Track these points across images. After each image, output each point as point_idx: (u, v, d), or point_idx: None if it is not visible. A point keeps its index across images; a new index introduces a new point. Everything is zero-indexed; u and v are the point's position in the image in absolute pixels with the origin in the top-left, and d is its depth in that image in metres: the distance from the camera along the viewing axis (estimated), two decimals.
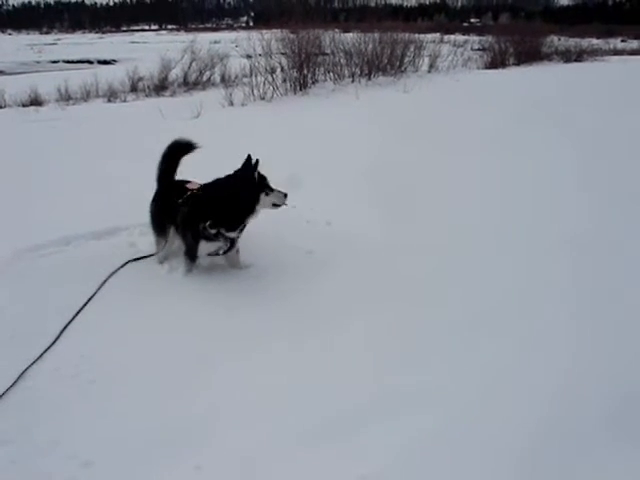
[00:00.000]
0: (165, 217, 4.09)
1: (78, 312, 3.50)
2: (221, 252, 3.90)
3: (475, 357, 3.02)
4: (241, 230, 3.87)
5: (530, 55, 17.22)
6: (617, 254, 4.10)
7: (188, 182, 4.06)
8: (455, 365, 2.96)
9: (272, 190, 3.86)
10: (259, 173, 3.79)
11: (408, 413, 2.63)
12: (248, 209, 3.79)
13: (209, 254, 3.91)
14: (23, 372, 2.95)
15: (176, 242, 4.13)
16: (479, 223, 4.71)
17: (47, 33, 68.79)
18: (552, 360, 2.97)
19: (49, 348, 3.16)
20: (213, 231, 3.76)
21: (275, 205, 3.89)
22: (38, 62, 29.66)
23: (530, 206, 5.02)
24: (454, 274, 3.92)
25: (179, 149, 4.15)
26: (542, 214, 4.85)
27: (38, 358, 3.07)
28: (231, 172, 3.82)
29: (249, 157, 3.76)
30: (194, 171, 4.05)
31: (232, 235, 3.83)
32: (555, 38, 19.35)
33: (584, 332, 3.20)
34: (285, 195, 3.89)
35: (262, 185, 3.82)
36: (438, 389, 2.79)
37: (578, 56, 18.08)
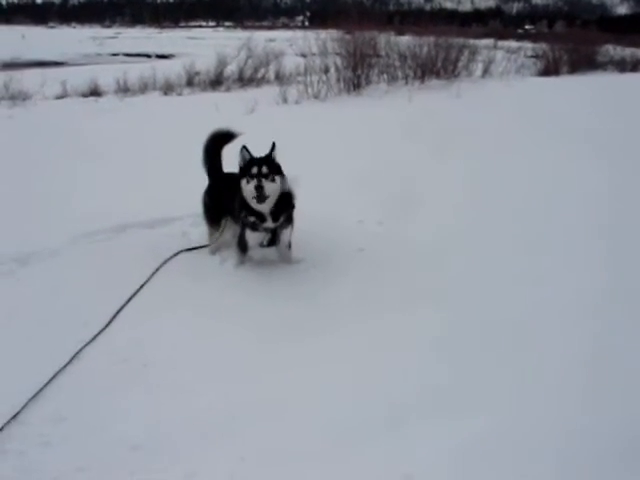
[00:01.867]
0: (218, 209, 4.16)
1: (131, 297, 3.58)
2: (265, 243, 3.88)
3: (500, 363, 2.97)
4: (275, 220, 3.78)
5: (584, 64, 16.78)
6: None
7: None
8: (494, 368, 2.93)
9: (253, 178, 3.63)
10: (262, 159, 3.69)
11: (454, 414, 2.59)
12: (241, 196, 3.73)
13: (260, 245, 3.93)
14: (77, 353, 3.04)
15: (228, 234, 4.20)
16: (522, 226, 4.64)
17: (109, 27, 70.66)
18: (575, 375, 2.87)
19: (102, 331, 3.25)
20: (252, 219, 3.77)
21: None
22: (99, 54, 30.47)
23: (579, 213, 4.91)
24: (505, 275, 3.86)
25: (219, 139, 4.20)
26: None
27: (91, 340, 3.16)
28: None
29: (273, 145, 3.74)
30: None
31: (267, 225, 3.79)
32: (610, 47, 18.82)
33: (604, 355, 3.07)
34: (256, 187, 3.57)
35: (243, 171, 3.69)
36: (482, 392, 2.75)
37: (634, 66, 17.54)
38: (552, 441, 2.45)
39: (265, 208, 3.72)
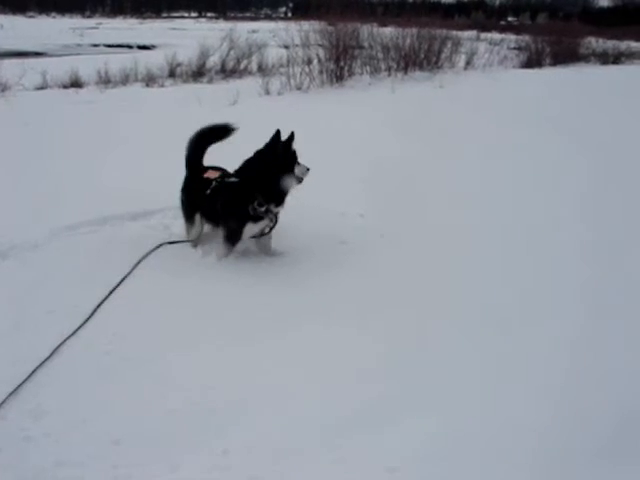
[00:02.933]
0: (193, 203, 4.15)
1: (112, 291, 3.55)
2: (267, 230, 3.97)
3: (481, 357, 3.00)
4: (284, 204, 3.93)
5: (567, 56, 16.92)
6: (623, 261, 4.03)
7: (217, 169, 4.11)
8: (467, 364, 2.95)
9: (298, 164, 3.88)
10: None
11: (439, 408, 2.62)
12: (286, 179, 3.82)
13: (253, 236, 3.96)
14: (57, 347, 3.01)
15: (205, 227, 4.19)
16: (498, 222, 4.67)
17: (89, 17, 69.60)
18: (553, 370, 2.90)
19: (83, 325, 3.22)
20: (263, 209, 3.81)
21: (298, 179, 3.88)
22: (80, 45, 29.99)
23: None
24: (474, 274, 3.89)
25: (211, 135, 4.16)
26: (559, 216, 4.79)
27: (72, 334, 3.13)
28: (261, 147, 3.86)
29: (278, 132, 3.79)
30: (229, 157, 4.07)
31: (279, 209, 3.89)
32: (593, 40, 18.99)
33: (588, 343, 3.13)
34: (307, 169, 3.87)
35: (294, 157, 3.86)
36: (466, 386, 2.78)
37: (616, 59, 17.73)
38: (529, 438, 2.46)
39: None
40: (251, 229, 3.91)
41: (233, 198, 3.86)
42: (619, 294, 3.63)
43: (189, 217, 4.20)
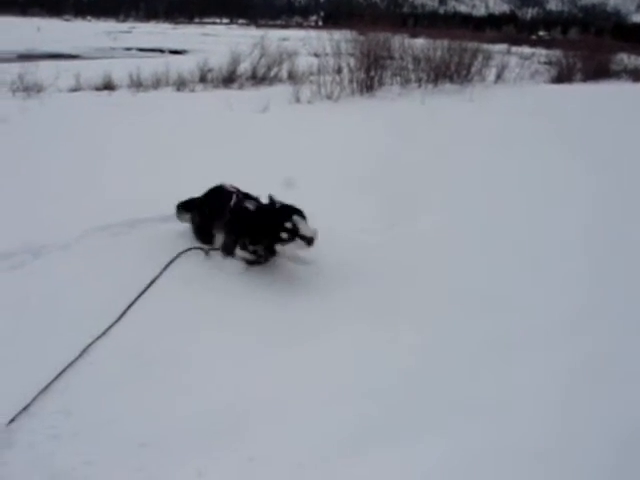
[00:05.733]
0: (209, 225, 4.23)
1: (142, 292, 3.58)
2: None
3: (488, 378, 2.97)
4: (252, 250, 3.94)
5: (598, 72, 16.71)
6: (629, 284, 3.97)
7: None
8: (475, 385, 2.92)
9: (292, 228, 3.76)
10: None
11: (451, 427, 2.61)
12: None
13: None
14: (87, 347, 3.04)
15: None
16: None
17: (123, 21, 70.85)
18: (559, 392, 2.87)
19: (112, 326, 3.26)
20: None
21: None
22: (113, 48, 30.50)
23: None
24: (488, 296, 3.83)
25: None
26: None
27: (102, 335, 3.16)
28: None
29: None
30: (262, 166, 4.09)
31: (256, 248, 3.94)
32: (625, 56, 18.73)
33: (594, 365, 3.08)
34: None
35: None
36: (482, 400, 2.75)
37: None
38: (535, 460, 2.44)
39: None
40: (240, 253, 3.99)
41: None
42: (624, 317, 3.57)
43: (208, 238, 4.24)
